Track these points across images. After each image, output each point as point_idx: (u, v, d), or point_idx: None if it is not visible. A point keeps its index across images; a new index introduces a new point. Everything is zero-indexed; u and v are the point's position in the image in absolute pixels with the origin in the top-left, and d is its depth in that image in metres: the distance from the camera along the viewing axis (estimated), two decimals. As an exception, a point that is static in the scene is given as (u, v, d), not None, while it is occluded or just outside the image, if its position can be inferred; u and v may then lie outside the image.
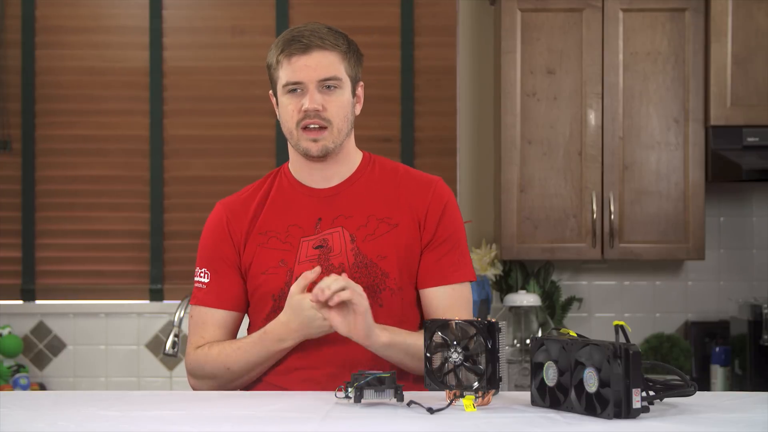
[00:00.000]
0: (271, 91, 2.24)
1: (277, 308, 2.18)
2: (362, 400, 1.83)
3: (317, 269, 2.10)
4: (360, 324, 2.02)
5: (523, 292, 3.78)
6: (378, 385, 1.84)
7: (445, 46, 4.08)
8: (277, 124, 4.03)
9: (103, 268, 4.05)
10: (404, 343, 2.12)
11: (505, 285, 3.93)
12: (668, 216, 3.74)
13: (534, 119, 3.75)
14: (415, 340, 2.13)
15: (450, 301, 2.21)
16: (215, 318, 2.25)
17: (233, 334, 2.28)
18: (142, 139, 4.06)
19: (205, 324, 2.25)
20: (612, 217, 3.71)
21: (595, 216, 3.71)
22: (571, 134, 3.74)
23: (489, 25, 4.05)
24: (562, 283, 4.03)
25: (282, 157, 4.02)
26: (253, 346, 2.17)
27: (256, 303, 2.24)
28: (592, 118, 3.74)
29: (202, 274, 2.26)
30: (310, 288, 2.07)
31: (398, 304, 2.20)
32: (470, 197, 4.02)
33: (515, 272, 3.95)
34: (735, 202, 4.08)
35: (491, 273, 3.84)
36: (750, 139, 3.67)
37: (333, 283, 1.98)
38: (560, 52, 3.75)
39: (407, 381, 2.21)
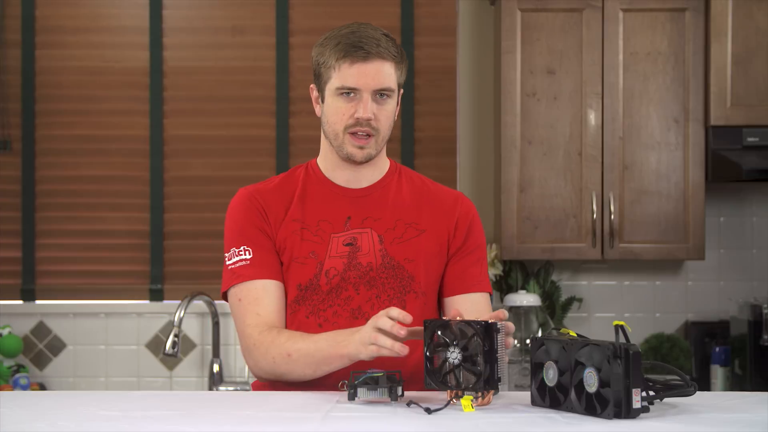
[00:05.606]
0: (313, 85, 2.25)
1: (300, 299, 2.20)
2: (356, 398, 1.87)
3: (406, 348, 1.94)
4: None
5: (523, 292, 3.79)
6: (372, 384, 1.86)
7: (445, 46, 4.08)
8: (278, 125, 4.04)
9: (103, 268, 4.05)
10: None
11: (505, 285, 3.93)
12: (668, 216, 3.73)
13: (534, 119, 3.74)
14: None
15: (475, 308, 2.24)
16: (267, 289, 2.19)
17: (285, 306, 2.22)
18: (142, 139, 4.06)
19: (258, 299, 2.18)
20: (612, 217, 3.71)
21: (595, 216, 3.71)
22: (571, 134, 3.74)
23: (489, 25, 4.05)
24: (562, 283, 4.03)
25: (282, 157, 4.02)
26: (320, 338, 2.09)
27: None
28: (592, 118, 3.73)
29: (242, 252, 2.21)
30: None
31: (420, 308, 2.22)
32: (470, 197, 3.99)
33: (515, 272, 3.95)
34: (735, 202, 4.08)
35: (491, 273, 3.84)
36: (750, 139, 3.66)
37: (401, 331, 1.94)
38: (560, 52, 3.74)
39: (410, 382, 2.22)
